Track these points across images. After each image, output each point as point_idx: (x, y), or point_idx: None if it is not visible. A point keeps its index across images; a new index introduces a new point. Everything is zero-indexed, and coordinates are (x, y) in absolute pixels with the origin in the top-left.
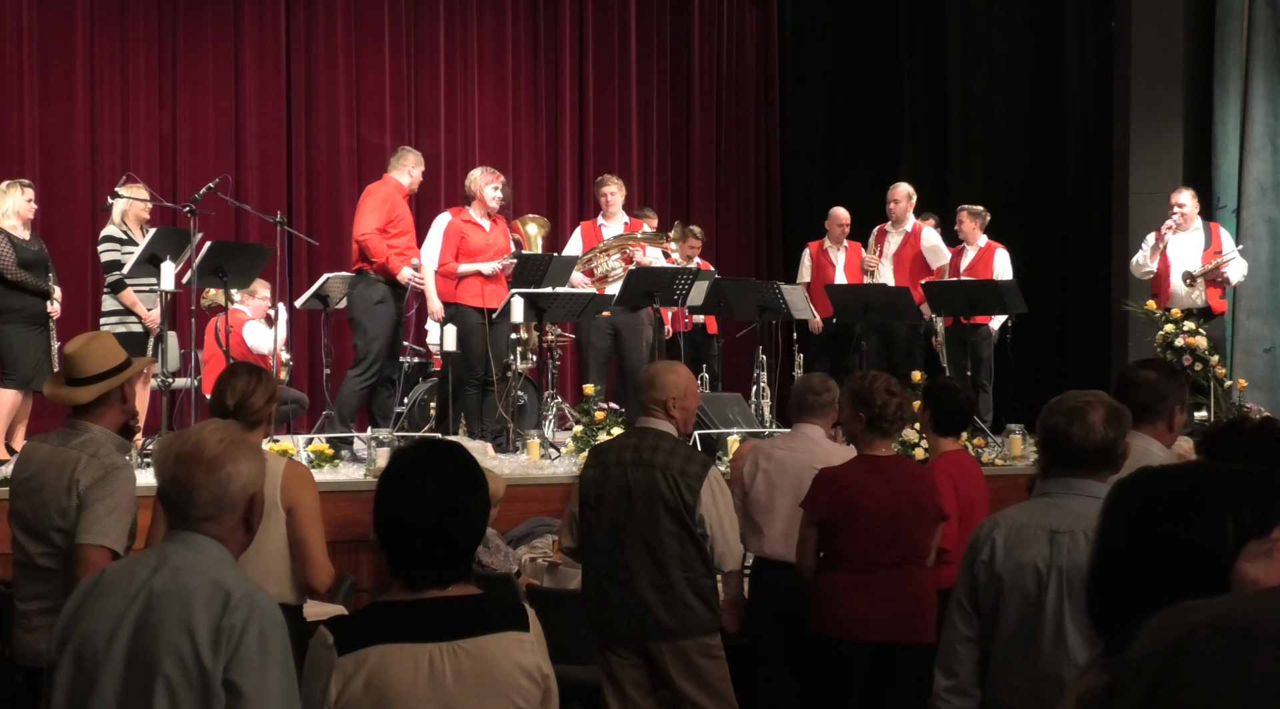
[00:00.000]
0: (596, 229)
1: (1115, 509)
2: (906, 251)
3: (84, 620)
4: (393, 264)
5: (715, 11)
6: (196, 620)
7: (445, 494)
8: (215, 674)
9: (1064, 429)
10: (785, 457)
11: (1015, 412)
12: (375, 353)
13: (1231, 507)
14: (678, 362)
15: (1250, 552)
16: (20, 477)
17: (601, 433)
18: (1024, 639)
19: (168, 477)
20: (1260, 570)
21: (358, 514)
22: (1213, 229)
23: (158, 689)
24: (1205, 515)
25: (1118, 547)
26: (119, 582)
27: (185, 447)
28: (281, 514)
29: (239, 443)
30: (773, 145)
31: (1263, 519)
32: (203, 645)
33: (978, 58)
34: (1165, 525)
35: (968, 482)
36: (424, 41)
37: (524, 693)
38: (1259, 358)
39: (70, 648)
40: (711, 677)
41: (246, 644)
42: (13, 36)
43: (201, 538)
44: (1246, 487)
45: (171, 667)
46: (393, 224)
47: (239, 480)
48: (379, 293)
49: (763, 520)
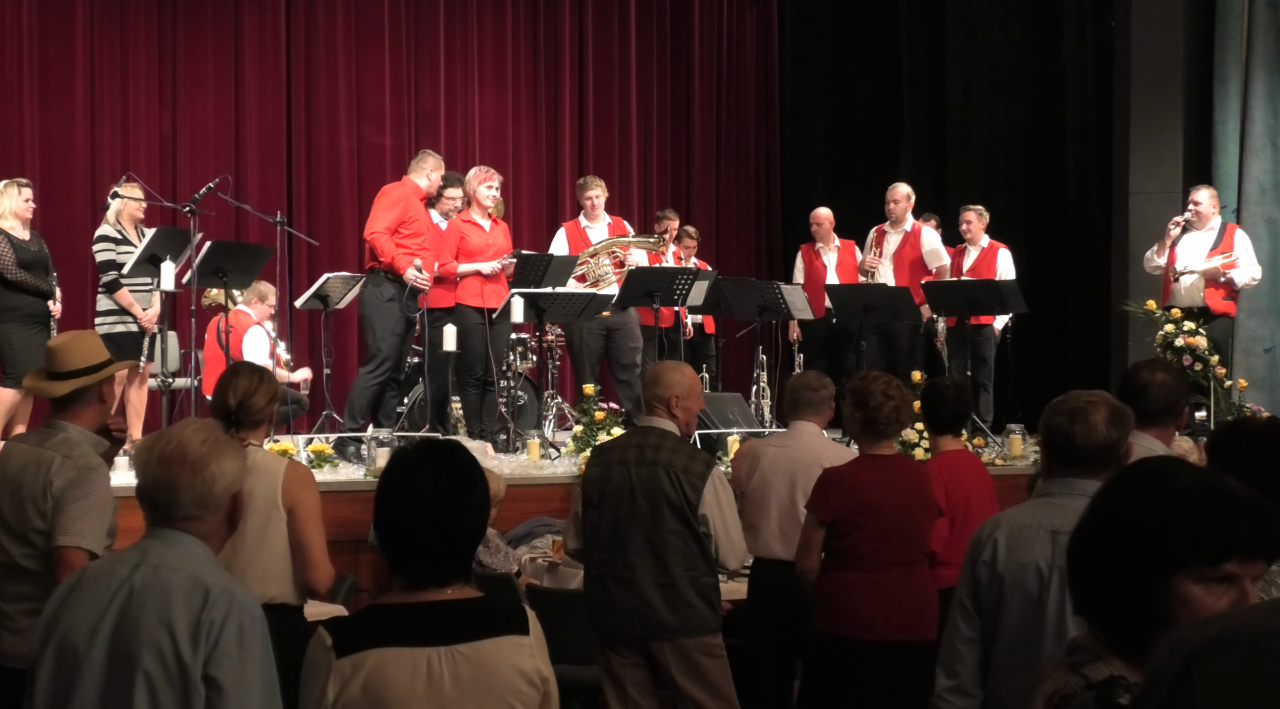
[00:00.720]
0: (581, 231)
1: (1103, 486)
2: (906, 252)
3: (65, 618)
4: (399, 263)
5: (715, 11)
6: (176, 616)
7: (443, 489)
8: (195, 669)
9: (1066, 429)
10: (778, 454)
11: (1015, 412)
12: (386, 350)
13: (1195, 513)
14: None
15: (1198, 572)
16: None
17: (601, 433)
18: (1026, 639)
19: (150, 478)
20: (1199, 593)
21: (358, 514)
22: (1228, 231)
23: (138, 685)
24: (1164, 506)
25: (1087, 517)
26: (100, 579)
27: (168, 448)
28: (282, 515)
29: (221, 442)
30: (773, 145)
31: (1219, 545)
32: (182, 640)
33: (978, 58)
34: (1126, 503)
35: (962, 482)
36: (424, 41)
37: (523, 697)
38: (1259, 358)
39: (51, 646)
40: (713, 675)
41: (226, 639)
42: (13, 36)
43: (183, 535)
44: (1227, 507)
45: (151, 662)
46: (405, 225)
47: (223, 480)
48: (388, 291)
49: (758, 519)
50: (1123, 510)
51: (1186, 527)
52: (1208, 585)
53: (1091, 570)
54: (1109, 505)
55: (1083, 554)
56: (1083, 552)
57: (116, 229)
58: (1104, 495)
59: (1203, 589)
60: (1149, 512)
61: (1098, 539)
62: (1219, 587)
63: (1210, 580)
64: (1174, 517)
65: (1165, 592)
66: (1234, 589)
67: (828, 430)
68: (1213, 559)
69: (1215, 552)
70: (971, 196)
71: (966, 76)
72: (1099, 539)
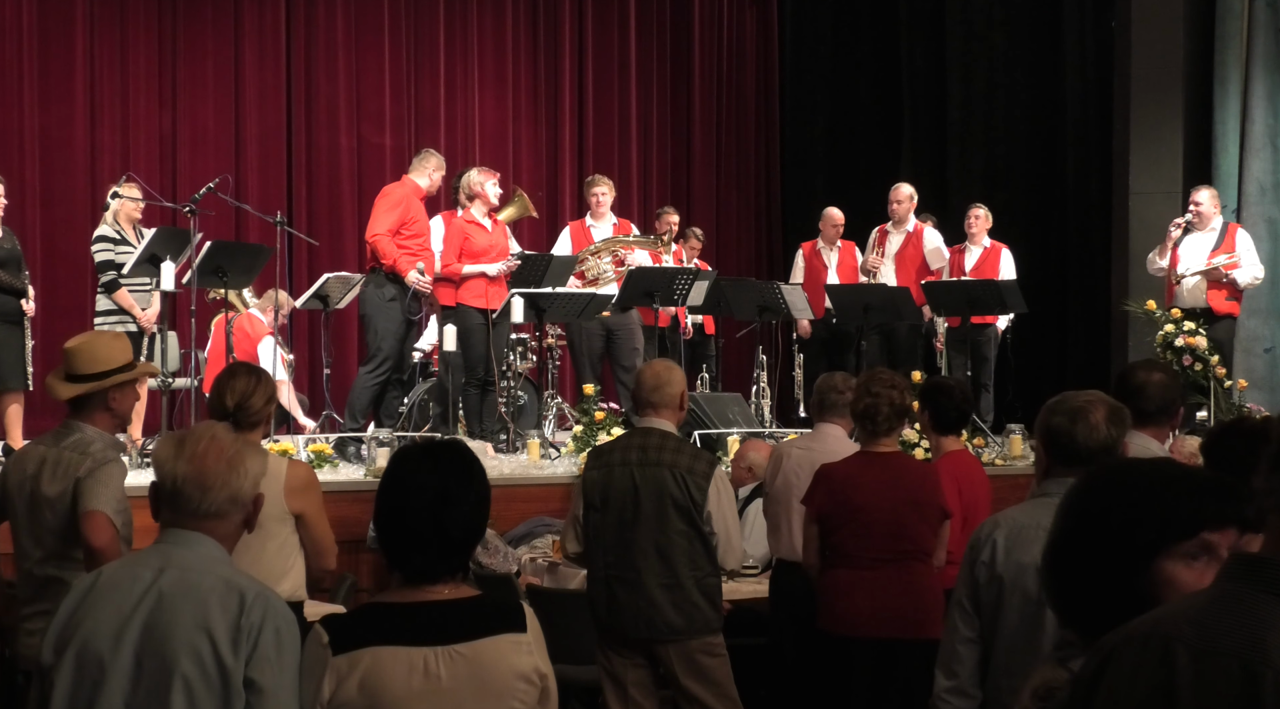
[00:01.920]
0: (585, 229)
1: (1067, 492)
2: (908, 252)
3: (84, 623)
4: (401, 266)
5: (715, 11)
6: (214, 620)
7: (442, 482)
8: (236, 672)
9: (1067, 429)
10: (802, 456)
11: (1015, 412)
12: (387, 350)
13: (1158, 502)
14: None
15: (1177, 551)
16: (16, 479)
17: (601, 433)
18: (1025, 640)
19: (180, 474)
20: (1181, 571)
21: (358, 514)
22: (1229, 231)
23: (175, 689)
24: (1126, 505)
25: (1056, 525)
26: (120, 584)
27: (201, 444)
28: (284, 515)
29: (249, 443)
30: (773, 145)
31: (1190, 521)
32: (222, 645)
33: (978, 58)
34: (1091, 503)
35: (971, 482)
36: (424, 41)
37: (520, 695)
38: (1259, 358)
39: (70, 652)
40: (716, 675)
41: (264, 642)
42: (13, 36)
43: (201, 536)
44: (1186, 486)
45: (190, 667)
46: (406, 226)
47: (252, 478)
48: (390, 291)
49: (780, 521)
50: (1090, 510)
51: (1153, 510)
52: (1187, 562)
53: (1070, 577)
54: (1077, 510)
55: (1059, 564)
56: (1059, 561)
57: (115, 229)
58: (1069, 503)
59: (1183, 566)
60: (1115, 506)
61: (1072, 546)
62: (1198, 562)
63: (1187, 556)
64: (1140, 504)
65: (1149, 579)
66: (1214, 558)
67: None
68: (1184, 534)
69: (1184, 527)
70: (971, 196)
71: (966, 76)
72: (1073, 546)
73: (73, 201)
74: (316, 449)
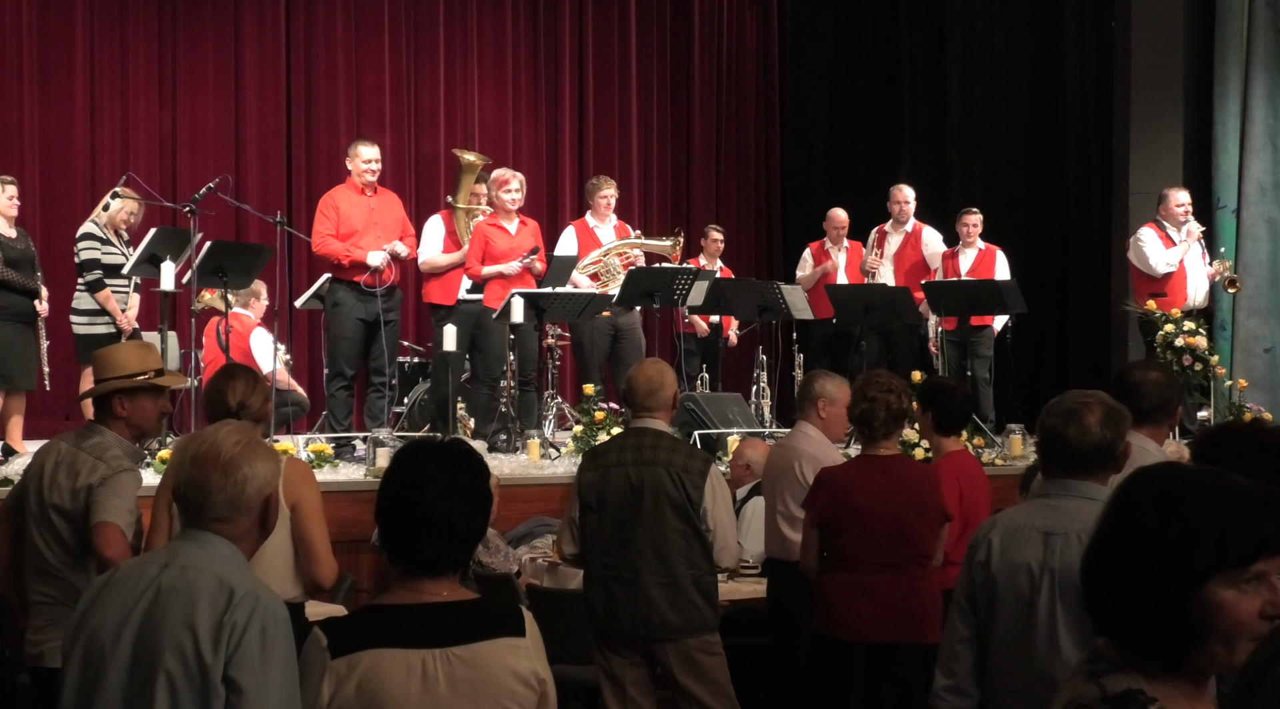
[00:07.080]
0: (589, 230)
1: (1113, 500)
2: (907, 252)
3: (94, 616)
4: (356, 255)
5: (715, 11)
6: (199, 617)
7: (445, 473)
8: (215, 670)
9: (1060, 431)
10: (775, 452)
11: (1015, 412)
12: (339, 354)
13: (1215, 527)
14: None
15: (1228, 577)
16: (35, 474)
17: (601, 433)
18: (1018, 641)
19: (184, 478)
20: (1232, 597)
21: (358, 514)
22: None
23: (159, 684)
24: (1181, 527)
25: (1101, 535)
26: (129, 579)
27: (201, 448)
28: (285, 512)
29: (255, 444)
30: (773, 145)
31: (1247, 548)
32: (203, 641)
33: (978, 58)
34: (1144, 520)
35: (972, 483)
36: (424, 41)
37: (519, 698)
38: (1259, 358)
39: (80, 644)
40: (714, 673)
41: (248, 641)
42: (13, 37)
43: (214, 537)
44: (1243, 510)
45: (173, 662)
46: (342, 223)
47: (255, 482)
48: (334, 297)
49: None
50: (1141, 530)
51: (1210, 537)
52: (1240, 587)
53: (1115, 590)
54: (1124, 527)
55: (1102, 575)
56: (1102, 572)
57: (102, 229)
58: (1115, 517)
59: (1236, 592)
60: (1169, 528)
61: (1119, 561)
62: (1250, 586)
63: (1241, 582)
64: (1196, 529)
65: (1199, 602)
66: (1264, 586)
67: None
68: (1241, 562)
69: (1242, 555)
70: (972, 196)
71: (966, 76)
72: (1120, 561)
73: (73, 201)
74: (316, 449)
